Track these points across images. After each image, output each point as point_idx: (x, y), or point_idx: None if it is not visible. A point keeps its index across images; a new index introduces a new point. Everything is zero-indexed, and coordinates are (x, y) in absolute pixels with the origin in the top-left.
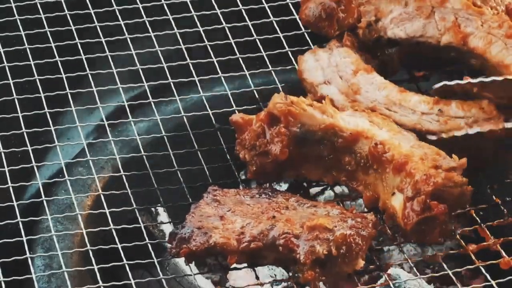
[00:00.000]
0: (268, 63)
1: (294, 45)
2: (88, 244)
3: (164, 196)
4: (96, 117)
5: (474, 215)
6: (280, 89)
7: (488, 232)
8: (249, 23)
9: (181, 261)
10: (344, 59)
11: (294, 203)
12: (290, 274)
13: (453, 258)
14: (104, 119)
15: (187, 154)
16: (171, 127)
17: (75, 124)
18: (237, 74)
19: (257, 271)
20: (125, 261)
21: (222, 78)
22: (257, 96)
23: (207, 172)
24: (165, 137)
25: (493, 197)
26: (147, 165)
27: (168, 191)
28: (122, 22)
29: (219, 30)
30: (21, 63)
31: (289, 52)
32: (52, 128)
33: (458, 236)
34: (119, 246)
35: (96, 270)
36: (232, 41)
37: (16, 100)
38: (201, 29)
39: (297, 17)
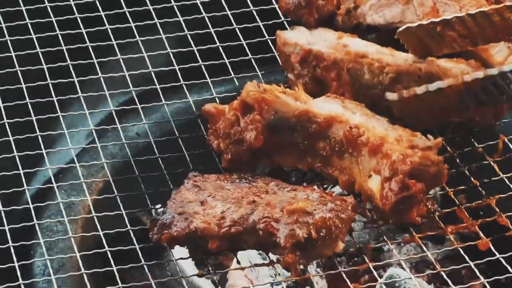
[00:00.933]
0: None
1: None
2: (70, 232)
3: (145, 184)
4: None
5: (452, 196)
6: (260, 77)
7: (466, 214)
8: (228, 13)
9: (181, 261)
10: (326, 33)
11: (274, 187)
12: (270, 259)
13: (450, 258)
14: (85, 108)
15: (168, 141)
16: (152, 116)
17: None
18: (217, 62)
19: (258, 271)
20: (106, 248)
21: (203, 67)
22: (237, 83)
23: (188, 159)
24: (146, 125)
25: (472, 178)
26: (129, 154)
27: (149, 179)
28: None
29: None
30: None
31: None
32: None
33: (437, 218)
34: (101, 233)
35: (78, 257)
36: (212, 29)
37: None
38: (181, 18)
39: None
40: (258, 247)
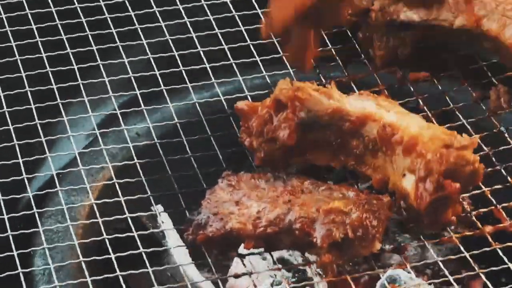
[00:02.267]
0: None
1: None
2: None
3: (178, 183)
4: (108, 106)
5: (489, 196)
6: (292, 75)
7: (504, 214)
8: (259, 11)
9: (176, 254)
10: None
11: (309, 186)
12: (304, 259)
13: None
14: (117, 108)
15: (200, 140)
16: (183, 115)
17: (88, 114)
18: (248, 60)
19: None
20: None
21: (234, 65)
22: (269, 81)
23: (221, 158)
24: (178, 124)
25: (508, 178)
26: (161, 153)
27: (182, 178)
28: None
29: (229, 19)
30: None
31: None
32: (65, 119)
33: (473, 218)
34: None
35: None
36: (242, 28)
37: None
38: (211, 17)
39: None
40: (293, 247)
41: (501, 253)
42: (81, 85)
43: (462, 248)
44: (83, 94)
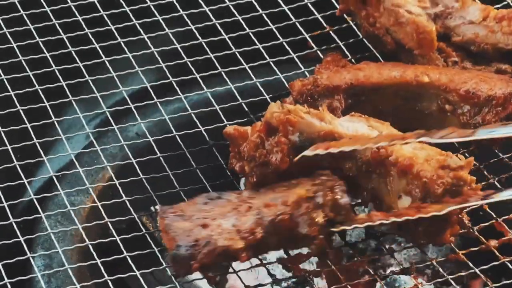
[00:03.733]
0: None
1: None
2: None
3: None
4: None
5: (488, 210)
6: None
7: (506, 226)
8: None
9: None
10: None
11: (249, 193)
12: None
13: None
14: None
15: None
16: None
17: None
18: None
19: (258, 272)
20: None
21: (248, 70)
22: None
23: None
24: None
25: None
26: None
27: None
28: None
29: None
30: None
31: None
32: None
33: (476, 233)
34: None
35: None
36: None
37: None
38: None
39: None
40: (280, 246)
41: (510, 266)
42: (90, 79)
43: (471, 264)
44: (82, 94)
